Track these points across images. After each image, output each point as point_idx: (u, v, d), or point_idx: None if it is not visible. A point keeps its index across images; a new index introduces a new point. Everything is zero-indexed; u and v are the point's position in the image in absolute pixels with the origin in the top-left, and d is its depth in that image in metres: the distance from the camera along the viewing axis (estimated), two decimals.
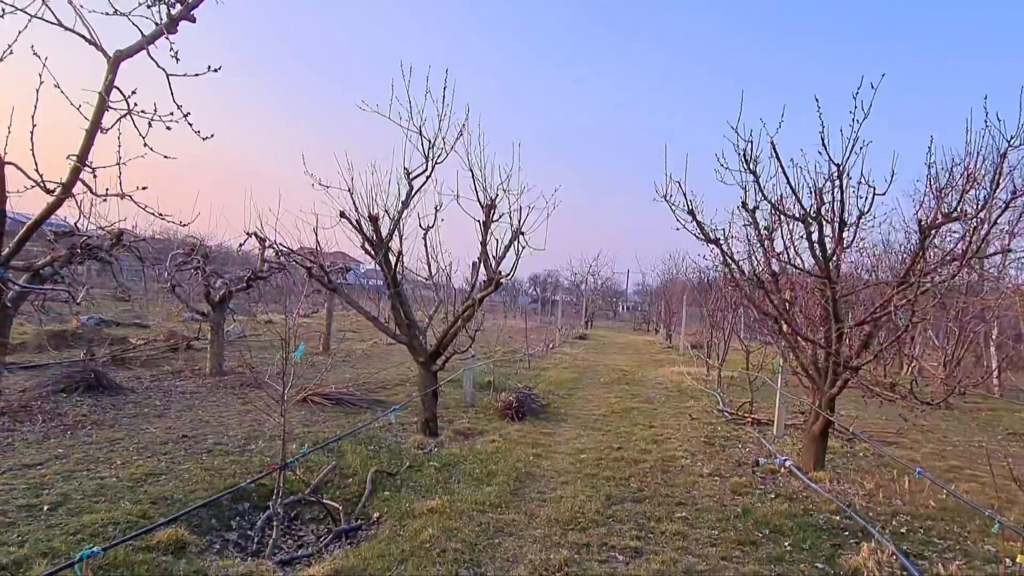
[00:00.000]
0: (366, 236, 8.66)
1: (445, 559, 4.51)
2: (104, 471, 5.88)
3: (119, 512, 4.89)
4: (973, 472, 8.19)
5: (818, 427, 7.65)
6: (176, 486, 5.60)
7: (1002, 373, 18.37)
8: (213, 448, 6.96)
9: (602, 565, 4.61)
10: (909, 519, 6.04)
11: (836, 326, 7.13)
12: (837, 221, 7.11)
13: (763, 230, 7.96)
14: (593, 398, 12.78)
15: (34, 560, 4.01)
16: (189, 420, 8.26)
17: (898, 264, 10.40)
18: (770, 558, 4.92)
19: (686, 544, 5.13)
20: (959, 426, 12.05)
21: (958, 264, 6.48)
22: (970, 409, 14.40)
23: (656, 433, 9.46)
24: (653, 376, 17.27)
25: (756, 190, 7.47)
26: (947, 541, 5.51)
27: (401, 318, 8.73)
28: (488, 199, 8.71)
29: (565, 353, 22.96)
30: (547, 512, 5.69)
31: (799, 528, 5.60)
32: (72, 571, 3.09)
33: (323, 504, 5.45)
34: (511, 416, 9.76)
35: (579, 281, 46.09)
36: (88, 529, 4.55)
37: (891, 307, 6.42)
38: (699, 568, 4.68)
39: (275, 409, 9.23)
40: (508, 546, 4.89)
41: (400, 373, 13.91)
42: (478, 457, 7.37)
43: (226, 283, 11.31)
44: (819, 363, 7.76)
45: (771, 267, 8.10)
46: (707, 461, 7.94)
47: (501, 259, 8.78)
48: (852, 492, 6.82)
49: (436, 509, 5.49)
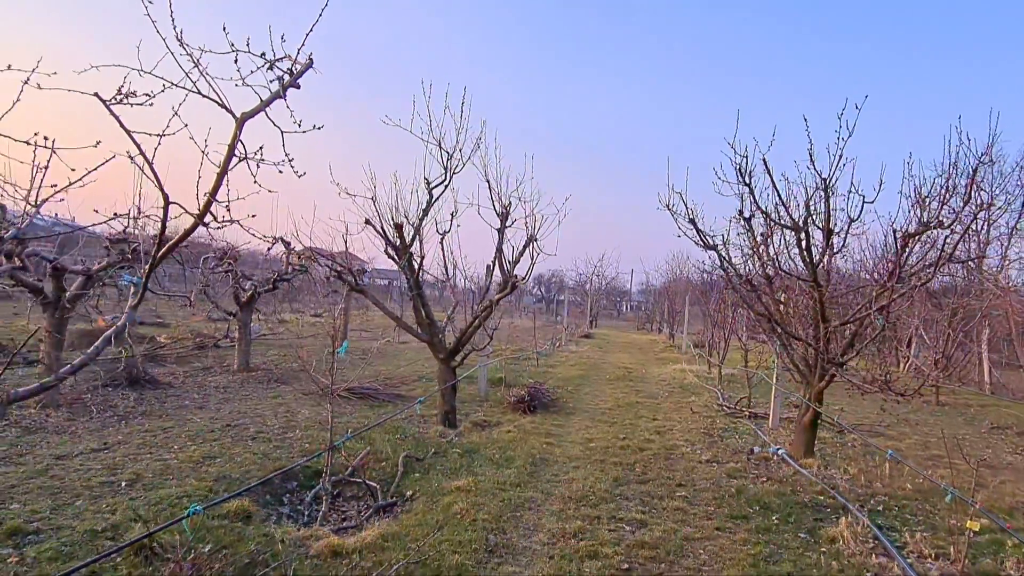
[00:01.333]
0: (390, 242, 9.34)
1: (475, 527, 5.21)
2: (165, 455, 6.59)
3: (188, 487, 5.60)
4: (952, 461, 8.83)
5: (808, 418, 8.33)
6: (232, 467, 6.31)
7: (993, 371, 19.02)
8: (256, 436, 7.67)
9: (611, 533, 5.31)
10: (886, 499, 6.72)
11: (823, 326, 7.81)
12: (824, 230, 7.79)
13: (758, 237, 8.66)
14: (599, 393, 13.47)
15: (127, 525, 4.72)
16: (228, 411, 8.96)
17: (881, 268, 11.03)
18: (759, 529, 5.61)
19: (685, 517, 5.83)
20: (947, 420, 12.70)
21: (932, 270, 7.15)
22: (960, 405, 15.05)
23: (659, 425, 10.15)
24: (656, 373, 17.96)
25: (751, 201, 8.15)
26: (918, 517, 6.19)
27: (423, 318, 9.41)
28: (503, 207, 9.42)
29: (571, 351, 23.66)
30: (561, 491, 6.39)
31: (786, 505, 6.29)
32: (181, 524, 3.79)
33: (364, 483, 6.15)
34: (524, 409, 10.45)
35: (584, 281, 46.73)
36: (165, 501, 5.26)
37: (870, 309, 7.10)
38: (696, 536, 5.38)
39: (304, 402, 9.98)
40: (528, 518, 5.59)
41: (415, 370, 14.61)
42: (496, 445, 8.07)
43: (254, 285, 12.03)
44: (808, 360, 8.45)
45: (765, 272, 8.80)
46: (706, 449, 8.62)
47: (516, 263, 9.49)
48: (837, 476, 7.49)
49: (463, 488, 6.19)
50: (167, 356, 12.84)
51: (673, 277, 36.16)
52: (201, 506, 3.87)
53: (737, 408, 11.83)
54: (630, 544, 5.09)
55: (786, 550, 5.20)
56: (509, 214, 9.53)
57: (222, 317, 12.80)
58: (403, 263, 9.30)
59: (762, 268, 8.82)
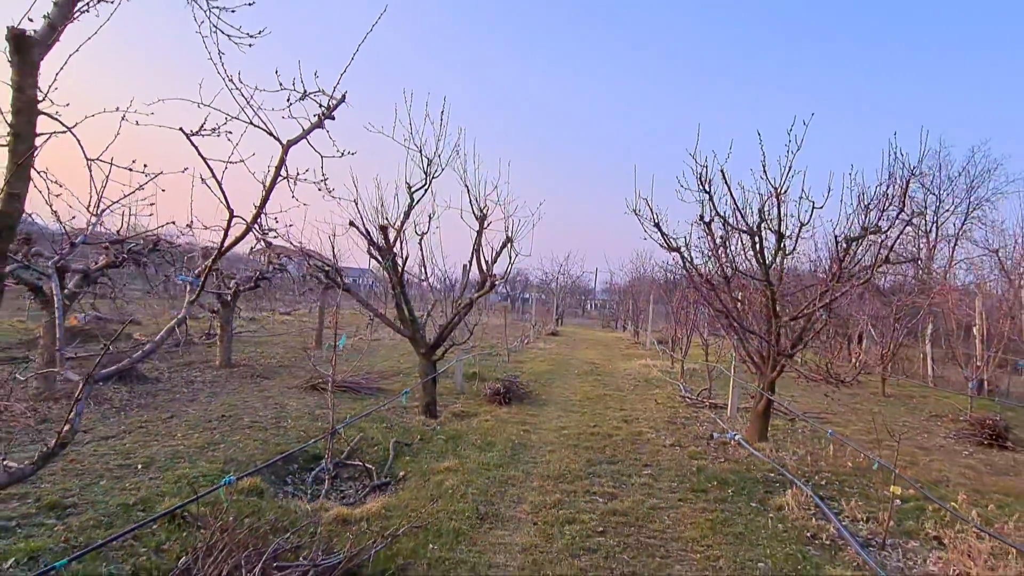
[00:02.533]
0: (373, 242, 9.87)
1: (466, 499, 5.83)
2: (171, 441, 7.06)
3: (201, 469, 6.11)
4: (890, 443, 9.74)
5: (761, 406, 9.14)
6: (236, 452, 6.82)
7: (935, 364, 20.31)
8: (251, 425, 8.15)
9: (587, 503, 5.99)
10: (829, 475, 7.53)
11: (775, 321, 8.61)
12: (776, 233, 8.60)
13: (717, 239, 9.44)
14: (569, 387, 14.17)
15: (155, 500, 5.22)
16: (220, 404, 9.40)
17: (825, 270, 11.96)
18: (716, 499, 6.35)
19: (651, 491, 6.54)
20: (891, 409, 13.73)
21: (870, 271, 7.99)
22: (905, 396, 16.17)
23: (626, 415, 10.88)
24: (623, 368, 18.76)
25: (711, 207, 8.92)
26: (854, 489, 7.00)
27: (405, 315, 9.97)
28: (480, 211, 10.04)
29: (540, 348, 24.36)
30: (540, 470, 7.04)
31: (741, 481, 7.04)
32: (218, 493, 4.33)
33: (362, 465, 6.72)
34: (500, 401, 11.08)
35: (549, 280, 47.56)
36: (183, 480, 5.75)
37: (814, 307, 7.92)
38: (661, 506, 6.09)
39: (290, 395, 10.44)
40: (512, 492, 6.23)
41: (391, 365, 15.13)
42: (477, 432, 8.69)
43: (237, 283, 12.42)
44: (763, 352, 9.25)
45: (724, 272, 9.58)
46: (669, 436, 9.36)
47: (494, 263, 10.12)
48: (787, 457, 8.28)
49: (451, 468, 6.80)
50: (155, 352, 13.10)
51: (637, 276, 37.16)
52: (234, 476, 4.42)
53: (698, 399, 12.64)
54: (604, 512, 5.77)
55: (739, 516, 5.94)
56: (487, 217, 10.16)
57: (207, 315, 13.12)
58: (387, 263, 9.86)
59: (721, 269, 9.60)
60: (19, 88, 2.68)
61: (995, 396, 16.30)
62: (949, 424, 12.20)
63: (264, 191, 3.62)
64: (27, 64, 2.67)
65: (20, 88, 2.68)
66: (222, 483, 4.44)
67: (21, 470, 2.93)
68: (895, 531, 5.83)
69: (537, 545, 4.94)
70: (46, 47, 2.76)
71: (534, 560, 4.66)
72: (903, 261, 12.58)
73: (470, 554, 4.71)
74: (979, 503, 6.58)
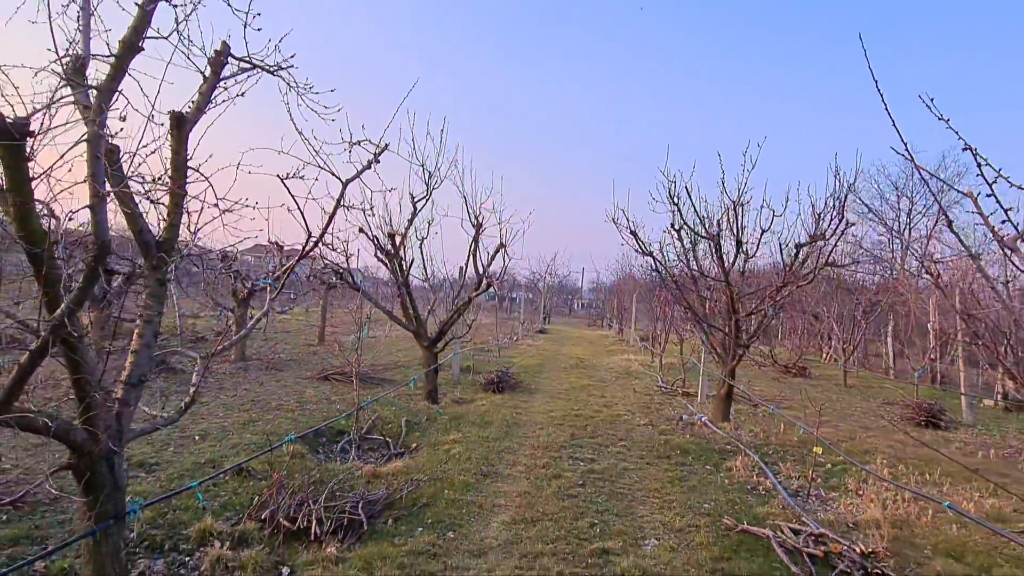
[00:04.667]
0: (381, 247, 11.09)
1: (472, 462, 7.09)
2: (217, 420, 8.27)
3: (249, 439, 7.33)
4: (836, 424, 11.13)
5: (724, 391, 10.47)
6: (275, 427, 8.04)
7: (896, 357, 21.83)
8: (279, 407, 9.37)
9: (570, 465, 7.28)
10: (776, 447, 8.85)
11: (734, 316, 9.94)
12: (736, 241, 9.93)
13: (686, 245, 10.76)
14: (556, 378, 15.47)
15: (221, 460, 6.44)
16: (245, 391, 10.59)
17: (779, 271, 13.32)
18: (678, 464, 7.65)
19: (624, 457, 7.83)
20: (847, 397, 15.16)
21: (813, 273, 9.34)
22: (864, 387, 17.63)
23: (606, 401, 12.19)
24: (606, 363, 20.09)
25: (679, 218, 10.24)
26: (794, 457, 8.32)
27: (409, 313, 11.20)
28: (476, 218, 11.30)
29: (529, 344, 25.66)
30: (531, 442, 8.32)
31: (701, 451, 8.36)
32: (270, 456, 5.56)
33: (382, 438, 7.97)
34: (493, 389, 12.36)
35: (537, 279, 48.90)
36: (239, 447, 6.98)
37: (765, 304, 9.25)
38: (631, 468, 7.38)
39: (305, 384, 11.63)
40: (509, 458, 7.50)
41: (392, 359, 16.37)
42: (475, 414, 9.95)
43: (253, 283, 13.60)
44: (725, 344, 10.58)
45: (692, 274, 10.91)
46: (643, 417, 10.67)
47: (489, 265, 11.39)
48: (743, 434, 9.61)
49: (456, 440, 8.06)
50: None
51: (623, 276, 38.52)
52: (294, 435, 5.65)
53: (672, 388, 13.98)
54: (584, 471, 7.06)
55: (694, 474, 7.25)
56: (482, 224, 11.42)
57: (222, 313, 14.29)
58: (394, 266, 11.09)
59: (689, 271, 10.93)
60: (176, 152, 3.88)
61: (946, 386, 17.82)
62: (899, 410, 13.60)
63: (328, 216, 4.86)
64: (181, 135, 3.88)
65: (176, 152, 3.89)
66: (284, 440, 5.69)
67: (172, 417, 4.16)
68: (823, 486, 7.16)
69: (530, 492, 6.22)
70: (193, 123, 3.96)
71: (528, 502, 5.93)
72: (843, 266, 13.91)
73: (478, 496, 5.98)
74: (895, 467, 7.94)
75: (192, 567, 4.28)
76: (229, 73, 4.13)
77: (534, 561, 4.64)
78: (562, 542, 5.01)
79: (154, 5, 3.49)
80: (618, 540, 5.12)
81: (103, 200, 3.28)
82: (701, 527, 5.54)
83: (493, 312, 32.35)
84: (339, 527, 4.89)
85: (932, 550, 5.23)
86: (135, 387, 3.85)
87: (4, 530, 4.52)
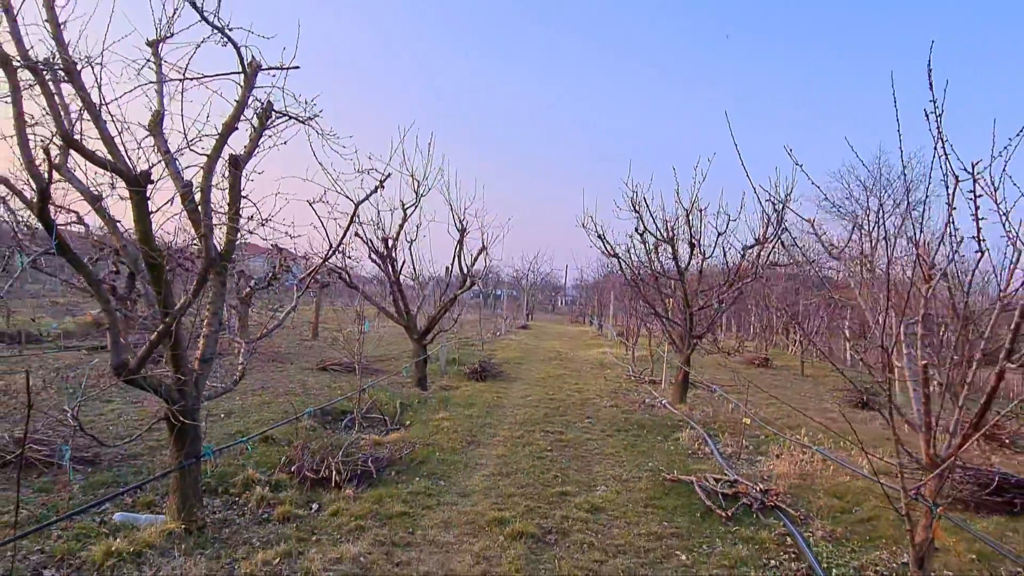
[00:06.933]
0: (375, 249, 12.33)
1: (458, 434, 8.39)
2: (234, 402, 9.49)
3: (267, 417, 8.57)
4: (781, 407, 12.54)
5: (680, 376, 11.85)
6: (287, 408, 9.28)
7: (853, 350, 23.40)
8: (287, 392, 10.60)
9: (541, 436, 8.61)
10: (722, 424, 10.22)
11: (688, 310, 11.31)
12: (690, 244, 11.29)
13: (649, 247, 12.12)
14: (535, 369, 16.81)
15: (247, 432, 7.67)
16: (252, 380, 11.79)
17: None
18: (634, 435, 9.01)
19: (589, 431, 9.18)
20: (800, 385, 16.63)
21: (754, 272, 10.73)
22: (821, 376, 19.13)
23: (579, 388, 13.54)
24: (583, 355, 21.48)
25: (641, 223, 11.59)
26: (735, 432, 9.69)
27: (401, 309, 12.46)
28: (461, 224, 12.58)
29: (511, 339, 26.99)
30: (509, 419, 9.64)
31: (655, 426, 9.71)
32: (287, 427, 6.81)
33: (380, 416, 9.24)
34: (477, 377, 13.66)
35: (520, 277, 50.26)
36: (260, 422, 8.22)
37: (713, 300, 10.63)
38: (593, 439, 8.72)
39: (307, 374, 12.83)
40: (490, 431, 8.81)
41: (381, 352, 17.60)
42: (461, 398, 11.25)
43: (256, 284, 14.79)
44: (682, 335, 11.95)
45: (654, 273, 12.27)
46: (611, 400, 12.03)
47: (472, 266, 12.68)
48: (696, 414, 10.97)
49: (445, 418, 9.35)
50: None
51: (605, 274, 39.94)
52: (313, 408, 6.91)
53: (640, 377, 15.36)
54: (552, 441, 8.40)
55: (646, 443, 8.61)
56: (466, 229, 12.71)
57: None
58: (386, 266, 12.34)
59: (651, 270, 12.29)
60: (232, 186, 5.13)
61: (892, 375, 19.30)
62: (848, 396, 15.07)
63: (343, 230, 6.13)
64: (236, 173, 5.13)
65: (232, 186, 5.13)
66: (305, 412, 6.95)
67: (228, 386, 5.41)
68: (754, 452, 8.53)
69: (506, 455, 7.54)
70: (246, 163, 5.20)
71: (504, 462, 7.25)
72: (786, 264, 15.31)
73: (463, 458, 7.30)
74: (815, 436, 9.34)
75: (242, 503, 5.55)
76: (269, 124, 5.39)
77: (508, 499, 5.96)
78: (531, 488, 6.34)
79: (245, 108, 4.74)
80: (575, 487, 6.46)
81: (211, 230, 4.54)
82: (643, 478, 6.89)
83: (477, 309, 33.62)
84: (354, 476, 6.16)
85: (823, 493, 6.61)
86: (207, 362, 5.09)
87: (94, 477, 5.76)
